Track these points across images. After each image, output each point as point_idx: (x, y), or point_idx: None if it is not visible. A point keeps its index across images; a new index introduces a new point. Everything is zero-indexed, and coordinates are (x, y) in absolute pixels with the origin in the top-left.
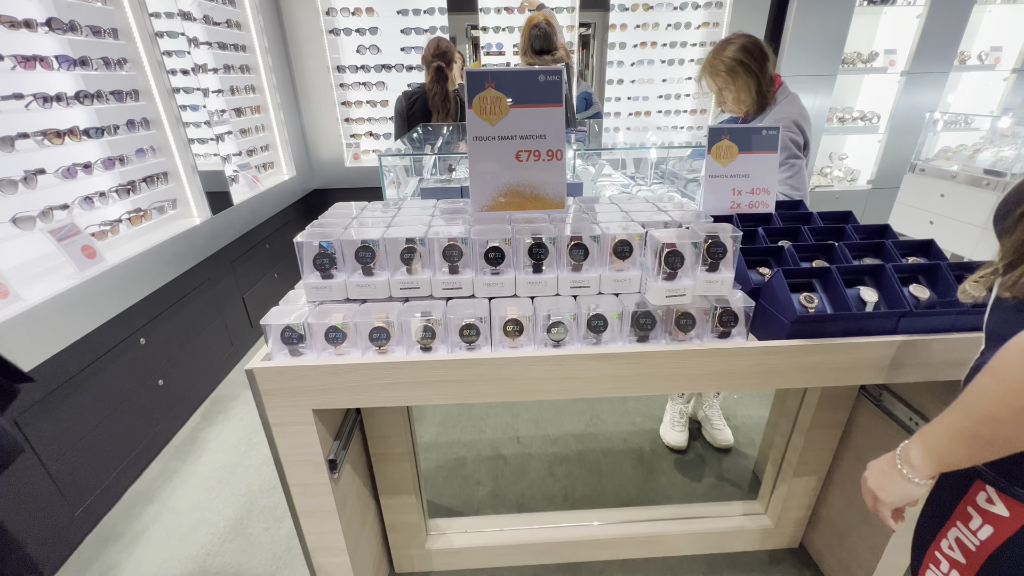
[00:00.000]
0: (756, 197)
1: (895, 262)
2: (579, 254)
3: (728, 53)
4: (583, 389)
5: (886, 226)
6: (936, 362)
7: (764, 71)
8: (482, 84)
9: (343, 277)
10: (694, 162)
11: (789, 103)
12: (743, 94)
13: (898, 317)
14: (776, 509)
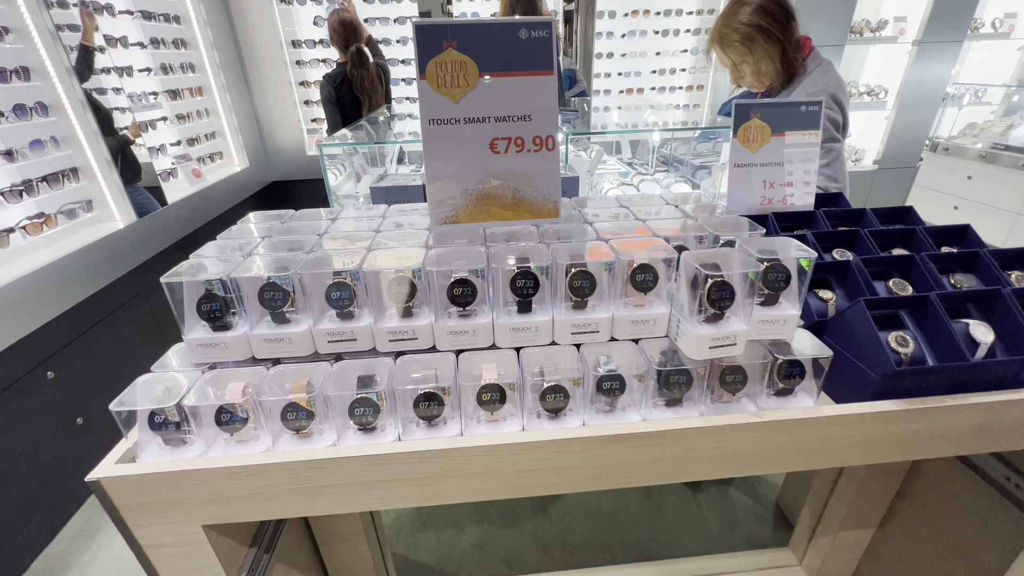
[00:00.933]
0: (792, 191)
1: (999, 282)
2: (584, 287)
3: (742, 17)
4: (591, 481)
5: (965, 227)
6: None
7: (789, 35)
8: (438, 43)
9: (244, 328)
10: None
11: (823, 73)
12: (764, 65)
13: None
14: (815, 563)
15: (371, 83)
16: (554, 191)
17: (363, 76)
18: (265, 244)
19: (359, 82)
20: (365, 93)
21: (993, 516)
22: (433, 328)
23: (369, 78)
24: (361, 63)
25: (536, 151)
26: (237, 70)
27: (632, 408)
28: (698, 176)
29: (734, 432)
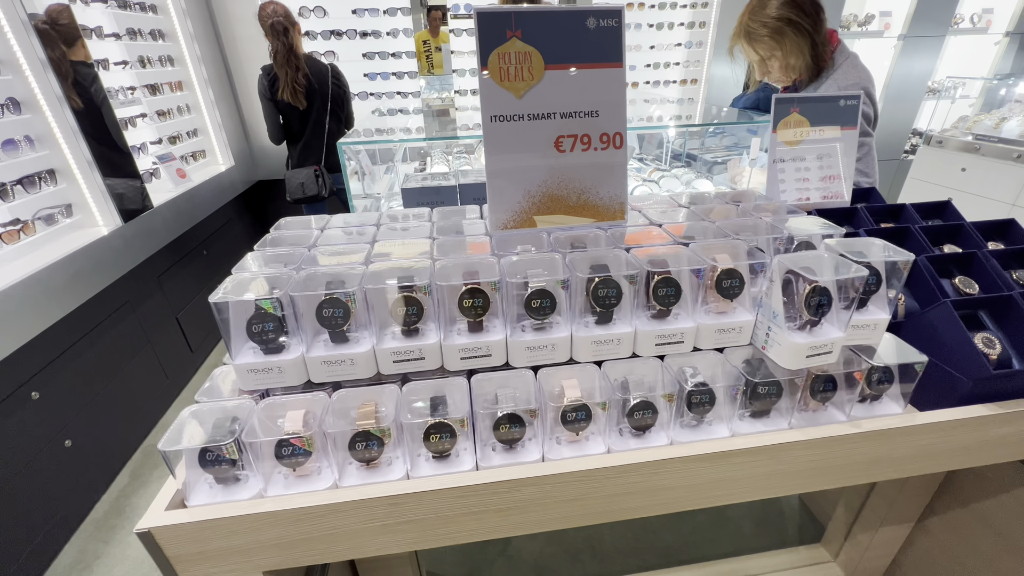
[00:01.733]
0: (830, 186)
1: None
2: (668, 296)
3: (771, 11)
4: (683, 501)
5: (1010, 221)
6: None
7: (819, 28)
8: (501, 32)
9: (299, 350)
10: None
11: (852, 66)
12: (793, 59)
13: None
14: (852, 558)
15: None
16: (621, 191)
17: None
18: (314, 252)
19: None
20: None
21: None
22: (508, 343)
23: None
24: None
25: (603, 149)
26: (219, 64)
27: (718, 421)
28: (715, 171)
29: (831, 444)
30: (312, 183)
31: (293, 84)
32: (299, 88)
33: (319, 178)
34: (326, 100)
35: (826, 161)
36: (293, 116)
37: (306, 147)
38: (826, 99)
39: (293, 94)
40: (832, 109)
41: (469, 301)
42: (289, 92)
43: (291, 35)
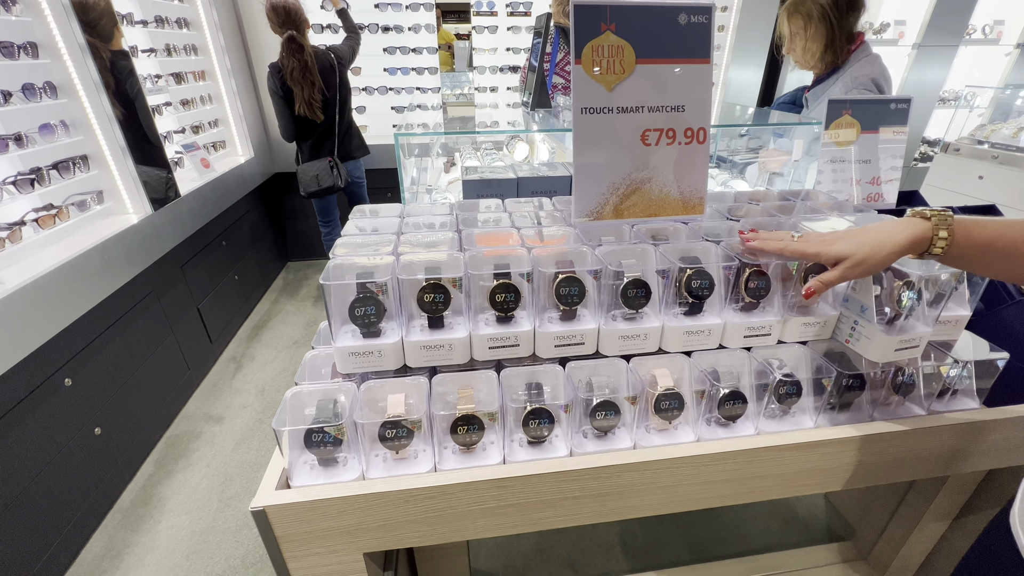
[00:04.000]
0: (876, 188)
1: None
2: (759, 288)
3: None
4: (773, 490)
5: None
6: None
7: (843, 25)
8: (596, 25)
9: (398, 335)
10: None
11: (869, 61)
12: (814, 44)
13: None
14: (884, 557)
15: (303, 75)
16: (701, 186)
17: (294, 66)
18: (403, 240)
19: (289, 71)
20: (297, 84)
21: None
22: (599, 331)
23: (301, 69)
24: (293, 51)
25: (687, 144)
26: (242, 54)
27: (801, 413)
28: (747, 173)
29: (918, 437)
30: (327, 174)
31: (310, 100)
32: (316, 103)
33: (334, 168)
34: (336, 92)
35: (874, 165)
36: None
37: (319, 139)
38: (877, 101)
39: (310, 109)
40: (883, 111)
41: (565, 289)
42: (306, 107)
43: (306, 52)
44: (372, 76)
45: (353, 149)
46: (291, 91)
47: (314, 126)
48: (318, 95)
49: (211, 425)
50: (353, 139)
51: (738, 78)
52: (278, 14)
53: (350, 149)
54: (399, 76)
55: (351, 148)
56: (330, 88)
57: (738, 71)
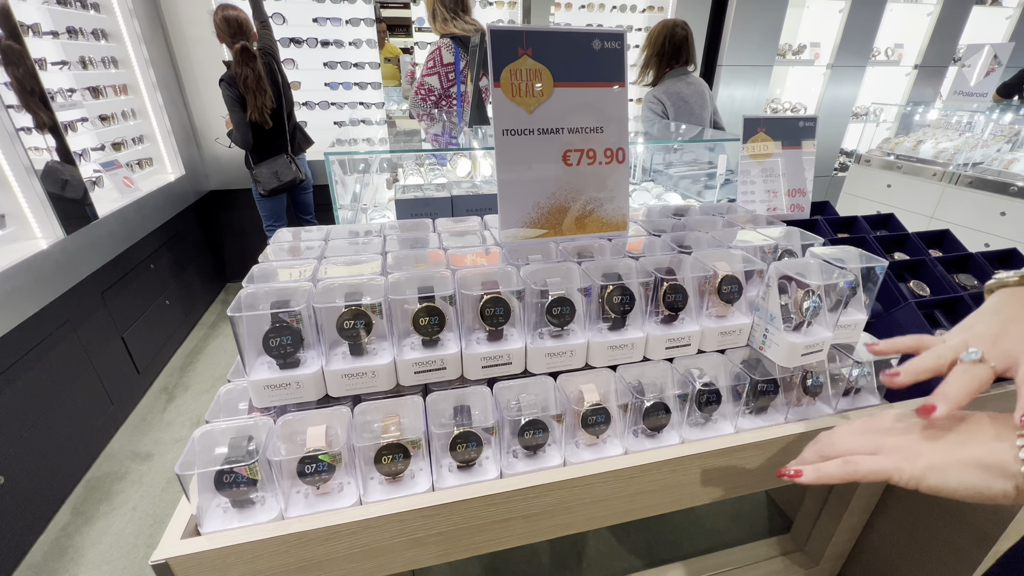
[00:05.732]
0: (792, 200)
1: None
2: (676, 301)
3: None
4: (699, 496)
5: (944, 232)
6: None
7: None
8: (513, 50)
9: (318, 364)
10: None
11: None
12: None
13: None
14: (818, 546)
15: (257, 83)
16: (624, 204)
17: (248, 74)
18: (324, 263)
19: (243, 80)
20: (250, 92)
21: None
22: (527, 350)
23: (255, 77)
24: (246, 61)
25: (607, 163)
26: (168, 67)
27: (723, 419)
28: (682, 186)
29: None
30: (287, 168)
31: (262, 107)
32: (267, 110)
33: (292, 163)
34: (281, 91)
35: (789, 178)
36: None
37: (270, 140)
38: (787, 120)
39: (261, 116)
40: (792, 128)
41: (491, 310)
42: (257, 114)
43: (258, 61)
44: (313, 91)
45: (302, 143)
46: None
47: (263, 129)
48: (269, 103)
49: (138, 463)
50: (300, 135)
51: None
52: (230, 26)
53: (300, 145)
54: (341, 91)
55: (301, 143)
56: (277, 92)
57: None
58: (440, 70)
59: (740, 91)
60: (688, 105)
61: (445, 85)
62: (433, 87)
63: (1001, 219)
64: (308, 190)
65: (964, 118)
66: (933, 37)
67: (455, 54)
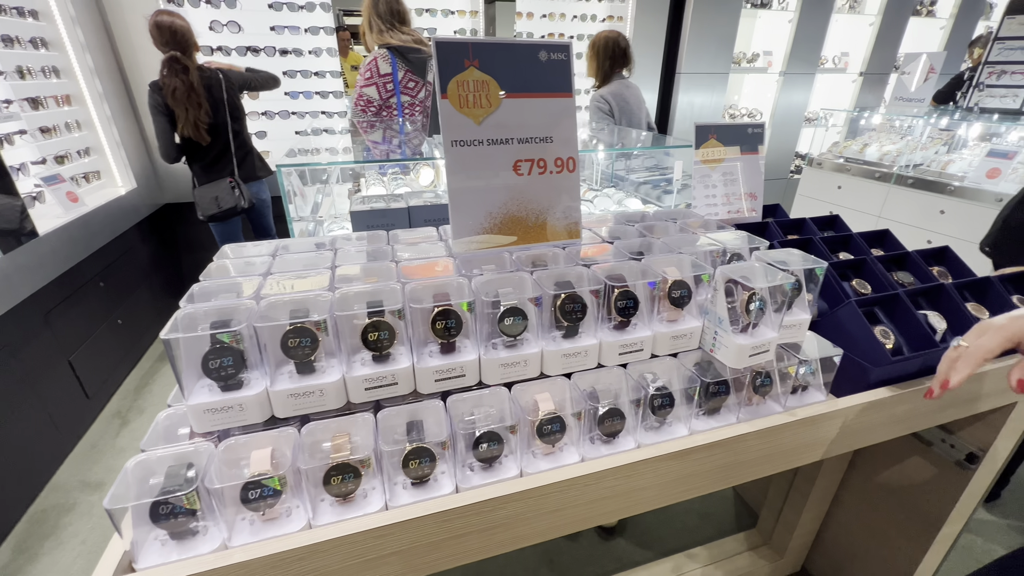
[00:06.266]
0: (745, 203)
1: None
2: (628, 307)
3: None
4: (657, 499)
5: (885, 232)
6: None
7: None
8: (459, 61)
9: (263, 384)
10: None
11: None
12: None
13: None
14: (783, 539)
15: (187, 96)
16: (576, 212)
17: (176, 85)
18: (270, 280)
19: (171, 91)
20: (180, 104)
21: (934, 472)
22: (481, 362)
23: (185, 90)
24: (175, 71)
25: (558, 172)
26: (116, 77)
27: (677, 422)
28: (642, 191)
29: (777, 433)
30: (228, 195)
31: (196, 122)
32: (202, 125)
33: (235, 188)
34: (225, 112)
35: (741, 183)
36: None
37: (213, 161)
38: (736, 126)
39: (196, 131)
40: (742, 135)
41: (442, 322)
42: (191, 129)
43: (191, 73)
44: (272, 100)
45: (256, 169)
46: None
47: (203, 148)
48: (204, 117)
49: (88, 494)
50: (255, 160)
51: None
52: (162, 33)
53: (253, 169)
54: (301, 100)
55: (254, 168)
56: (217, 109)
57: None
58: (377, 80)
59: (699, 98)
60: (629, 106)
61: (384, 95)
62: (372, 98)
63: (941, 217)
64: (265, 215)
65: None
66: (875, 46)
67: (392, 64)
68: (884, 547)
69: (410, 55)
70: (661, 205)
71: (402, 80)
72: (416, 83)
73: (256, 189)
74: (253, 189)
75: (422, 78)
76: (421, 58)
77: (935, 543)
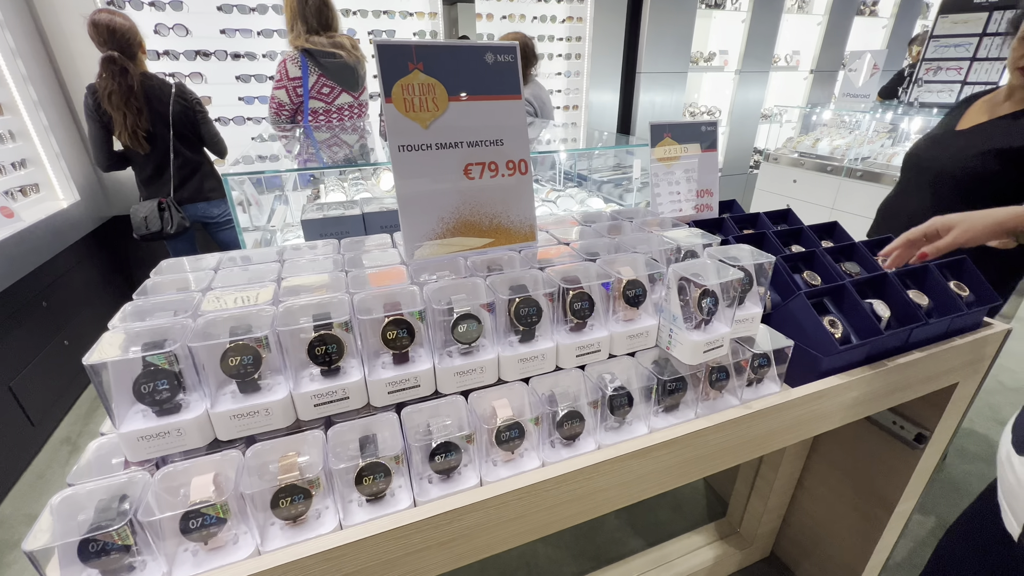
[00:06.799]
0: (701, 200)
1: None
2: (583, 309)
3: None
4: (617, 500)
5: (834, 224)
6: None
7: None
8: (403, 64)
9: (202, 406)
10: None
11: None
12: None
13: (911, 330)
14: (751, 526)
15: (125, 102)
16: (530, 214)
17: (112, 88)
18: (210, 296)
19: (106, 94)
20: (117, 109)
21: (887, 453)
22: (436, 371)
23: (123, 94)
24: (111, 73)
25: (510, 175)
26: (53, 84)
27: (637, 420)
28: (604, 190)
29: (734, 426)
30: (155, 218)
31: (134, 128)
32: (140, 131)
33: (164, 212)
34: (168, 125)
35: (697, 180)
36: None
37: (151, 178)
38: (690, 124)
39: (134, 138)
40: (696, 133)
41: (393, 332)
42: (128, 136)
43: (131, 75)
44: (226, 106)
45: (206, 191)
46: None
47: (141, 160)
48: (144, 123)
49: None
50: (206, 180)
51: (599, 100)
52: (99, 33)
53: (200, 191)
54: (257, 105)
55: (201, 190)
56: (157, 120)
57: (597, 95)
58: (287, 84)
59: (659, 96)
60: (546, 107)
61: (295, 100)
62: (283, 102)
63: None
64: (226, 228)
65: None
66: (824, 44)
67: (303, 68)
68: (844, 528)
69: (324, 59)
70: (623, 204)
71: (315, 85)
72: (331, 89)
73: (207, 209)
74: (204, 208)
75: (338, 84)
76: (337, 63)
77: (891, 520)
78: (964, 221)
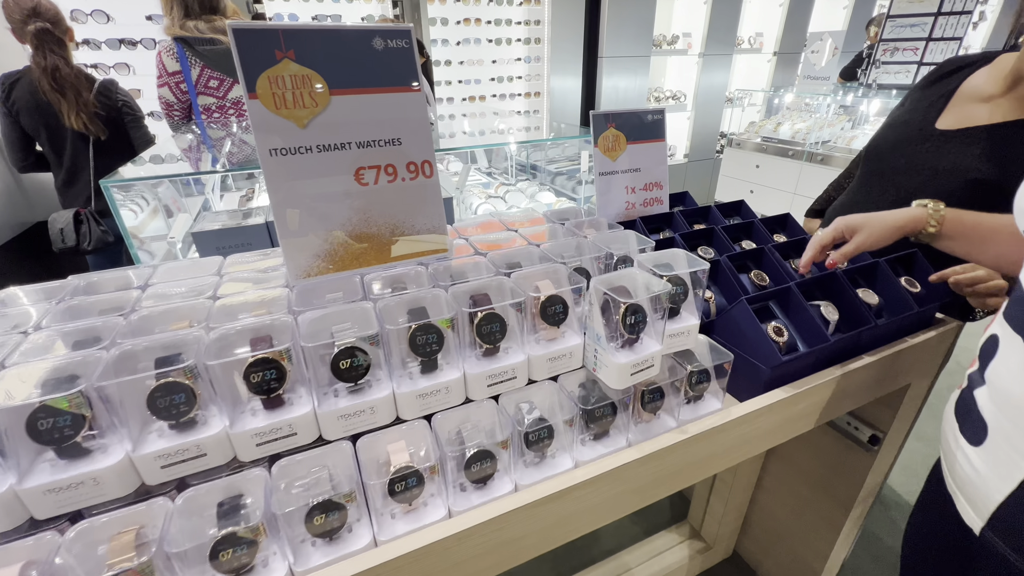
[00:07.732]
0: (650, 194)
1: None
2: (494, 332)
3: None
4: (539, 546)
5: (787, 215)
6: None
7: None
8: (268, 53)
9: (9, 481)
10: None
11: None
12: None
13: (860, 333)
14: (713, 528)
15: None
16: (439, 223)
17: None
18: (28, 347)
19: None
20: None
21: (843, 453)
22: (317, 416)
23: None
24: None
25: (412, 179)
26: None
27: (561, 451)
28: (557, 183)
29: (666, 455)
30: (71, 231)
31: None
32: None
33: (81, 224)
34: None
35: (644, 173)
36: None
37: (65, 184)
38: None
39: (90, 122)
40: (642, 123)
41: (258, 375)
42: (83, 120)
43: (67, 48)
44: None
45: None
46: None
47: (56, 157)
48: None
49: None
50: None
51: (561, 87)
52: (21, 8)
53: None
54: None
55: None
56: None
57: (559, 80)
58: (168, 80)
59: (623, 81)
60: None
61: (181, 97)
62: (170, 100)
63: None
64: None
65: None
66: (786, 26)
67: (181, 60)
68: (804, 528)
69: (202, 48)
70: (575, 196)
71: (199, 78)
72: (220, 81)
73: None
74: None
75: (227, 74)
76: (218, 51)
77: (848, 521)
78: (868, 224)
